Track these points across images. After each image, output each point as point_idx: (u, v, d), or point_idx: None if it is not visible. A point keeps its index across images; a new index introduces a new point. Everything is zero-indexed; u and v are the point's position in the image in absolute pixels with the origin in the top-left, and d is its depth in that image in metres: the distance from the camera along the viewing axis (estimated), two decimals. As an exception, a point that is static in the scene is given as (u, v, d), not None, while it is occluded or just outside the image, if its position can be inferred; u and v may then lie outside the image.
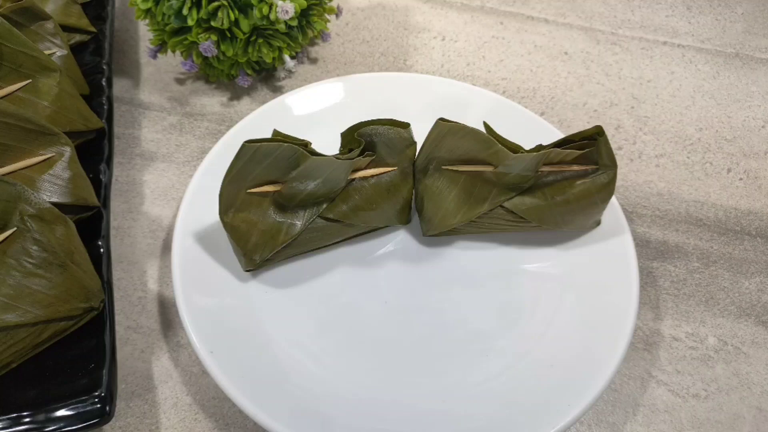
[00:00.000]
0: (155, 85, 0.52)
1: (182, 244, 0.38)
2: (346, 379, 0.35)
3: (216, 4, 0.44)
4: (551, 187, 0.39)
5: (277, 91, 0.52)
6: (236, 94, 0.52)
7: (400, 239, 0.42)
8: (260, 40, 0.47)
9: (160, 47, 0.49)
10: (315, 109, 0.47)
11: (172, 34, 0.47)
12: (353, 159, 0.37)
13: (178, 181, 0.46)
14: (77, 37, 0.49)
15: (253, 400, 0.33)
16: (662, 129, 0.52)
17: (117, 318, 0.39)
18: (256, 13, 0.44)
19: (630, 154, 0.50)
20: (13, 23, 0.41)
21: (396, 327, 0.38)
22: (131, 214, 0.44)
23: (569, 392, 0.34)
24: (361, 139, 0.37)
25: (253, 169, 0.36)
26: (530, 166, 0.37)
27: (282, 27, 0.46)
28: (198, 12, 0.44)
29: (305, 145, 0.37)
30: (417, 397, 0.35)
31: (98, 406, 0.33)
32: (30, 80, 0.41)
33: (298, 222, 0.37)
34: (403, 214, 0.40)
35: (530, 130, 0.45)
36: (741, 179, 0.49)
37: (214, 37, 0.45)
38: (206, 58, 0.48)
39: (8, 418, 0.32)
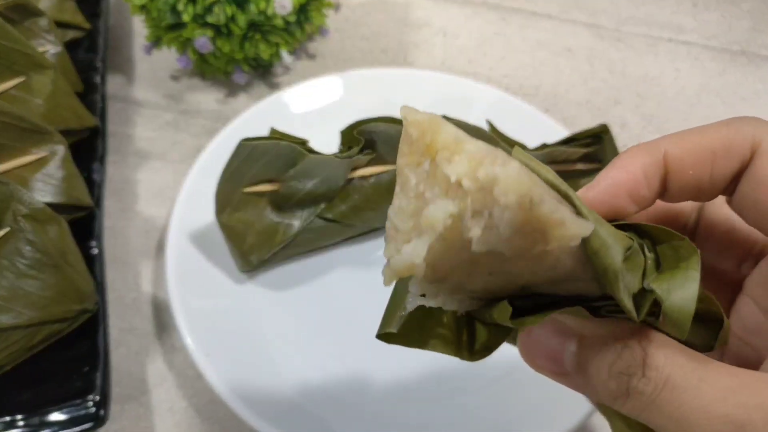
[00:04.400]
0: (150, 82, 0.52)
1: (177, 245, 0.38)
2: (344, 383, 0.35)
3: (212, -1, 0.43)
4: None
5: (275, 87, 0.52)
6: (232, 91, 0.51)
7: (400, 239, 0.41)
8: (257, 36, 0.46)
9: (155, 43, 0.48)
10: (313, 107, 0.46)
11: (168, 30, 0.46)
12: (352, 157, 0.36)
13: (173, 180, 0.45)
14: (71, 34, 0.49)
15: (249, 404, 0.32)
16: (667, 127, 0.51)
17: (111, 320, 0.38)
18: (253, 8, 0.43)
19: (634, 153, 0.49)
20: (6, 20, 0.40)
21: (396, 329, 0.37)
22: (125, 213, 0.44)
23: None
24: (361, 137, 0.37)
25: (249, 168, 0.35)
26: (533, 164, 0.36)
27: (279, 22, 0.45)
28: (194, 7, 0.43)
29: (303, 143, 0.36)
30: (417, 400, 0.34)
31: (92, 409, 0.33)
32: (23, 78, 0.40)
33: (296, 222, 0.37)
34: (403, 214, 0.40)
35: (534, 127, 0.44)
36: (747, 178, 0.48)
37: (209, 33, 0.44)
38: (202, 54, 0.47)
39: (2, 422, 0.32)
